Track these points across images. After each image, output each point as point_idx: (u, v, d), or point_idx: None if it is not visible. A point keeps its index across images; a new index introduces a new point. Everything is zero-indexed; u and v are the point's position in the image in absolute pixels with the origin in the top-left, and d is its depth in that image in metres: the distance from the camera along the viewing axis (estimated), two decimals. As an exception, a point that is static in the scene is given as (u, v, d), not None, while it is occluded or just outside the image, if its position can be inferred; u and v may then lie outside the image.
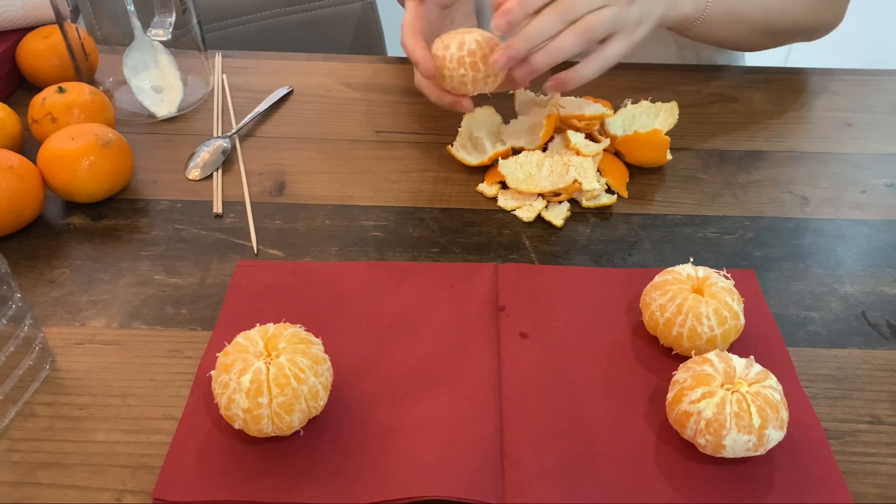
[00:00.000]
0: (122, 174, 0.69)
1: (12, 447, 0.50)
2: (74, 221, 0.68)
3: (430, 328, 0.58)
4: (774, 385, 0.49)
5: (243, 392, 0.47)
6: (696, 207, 0.71)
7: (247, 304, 0.60)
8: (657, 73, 0.90)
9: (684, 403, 0.48)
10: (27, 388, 0.53)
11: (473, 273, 0.63)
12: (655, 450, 0.50)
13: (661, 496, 0.48)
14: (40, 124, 0.72)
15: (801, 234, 0.69)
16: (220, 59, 0.90)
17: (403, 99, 0.85)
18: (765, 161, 0.77)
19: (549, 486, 0.48)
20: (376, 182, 0.73)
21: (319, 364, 0.49)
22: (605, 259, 0.66)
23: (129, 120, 0.80)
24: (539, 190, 0.69)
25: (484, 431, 0.51)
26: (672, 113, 0.78)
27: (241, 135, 0.79)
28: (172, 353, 0.57)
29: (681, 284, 0.55)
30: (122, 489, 0.48)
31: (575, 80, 0.68)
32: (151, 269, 0.63)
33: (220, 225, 0.68)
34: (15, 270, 0.63)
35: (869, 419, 0.53)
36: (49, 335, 0.57)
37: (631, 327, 0.59)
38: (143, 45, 0.80)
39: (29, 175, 0.65)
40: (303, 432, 0.51)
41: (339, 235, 0.67)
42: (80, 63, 0.79)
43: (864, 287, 0.63)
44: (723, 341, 0.54)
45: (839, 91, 0.88)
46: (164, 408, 0.53)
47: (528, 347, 0.56)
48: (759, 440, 0.47)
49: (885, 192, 0.74)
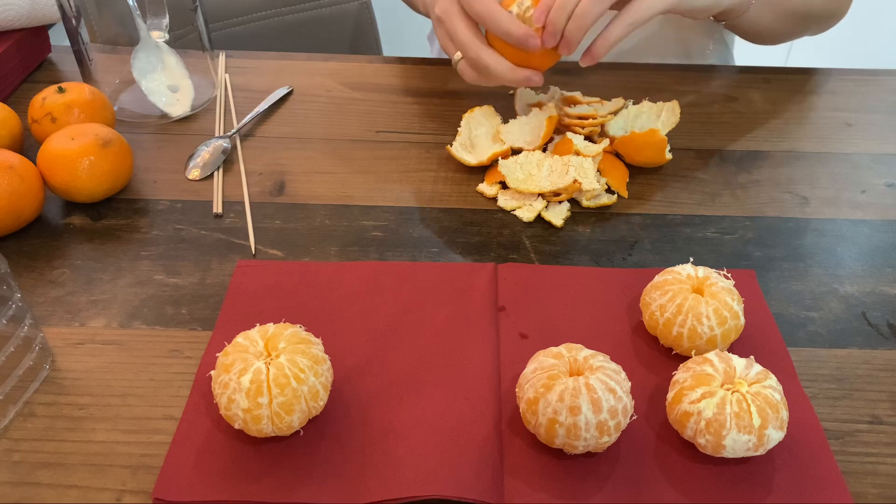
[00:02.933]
0: (122, 174, 0.69)
1: (12, 447, 0.50)
2: (74, 221, 0.68)
3: (430, 328, 0.58)
4: (774, 385, 0.49)
5: (243, 392, 0.47)
6: (696, 207, 0.71)
7: (247, 304, 0.60)
8: (657, 73, 0.90)
9: (684, 403, 0.48)
10: (27, 388, 0.53)
11: (473, 273, 0.63)
12: (655, 450, 0.50)
13: (661, 496, 0.48)
14: (40, 124, 0.72)
15: (802, 234, 0.69)
16: (223, 59, 0.90)
17: (403, 99, 0.85)
18: (765, 161, 0.77)
19: (549, 486, 0.48)
20: (376, 182, 0.73)
21: (319, 364, 0.49)
22: (605, 259, 0.66)
23: (132, 120, 0.80)
24: (539, 190, 0.69)
25: (484, 431, 0.51)
26: (674, 112, 0.78)
27: (241, 135, 0.79)
28: (172, 353, 0.57)
29: (681, 284, 0.55)
30: (122, 489, 0.48)
31: (604, 46, 0.65)
32: (151, 269, 0.63)
33: (220, 225, 0.68)
34: (15, 270, 0.63)
35: (869, 419, 0.53)
36: (49, 335, 0.57)
37: (631, 327, 0.59)
38: (149, 47, 0.80)
39: (29, 175, 0.65)
40: (303, 432, 0.51)
41: (339, 235, 0.67)
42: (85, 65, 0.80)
43: (864, 287, 0.63)
44: (723, 341, 0.54)
45: (839, 91, 0.88)
46: (164, 408, 0.53)
47: (528, 347, 0.56)
48: (759, 440, 0.47)
49: (885, 192, 0.74)
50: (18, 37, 0.84)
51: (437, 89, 0.87)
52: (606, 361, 0.50)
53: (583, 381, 0.47)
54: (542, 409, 0.47)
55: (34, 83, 0.86)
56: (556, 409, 0.47)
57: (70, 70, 0.88)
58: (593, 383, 0.47)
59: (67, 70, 0.88)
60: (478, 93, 0.86)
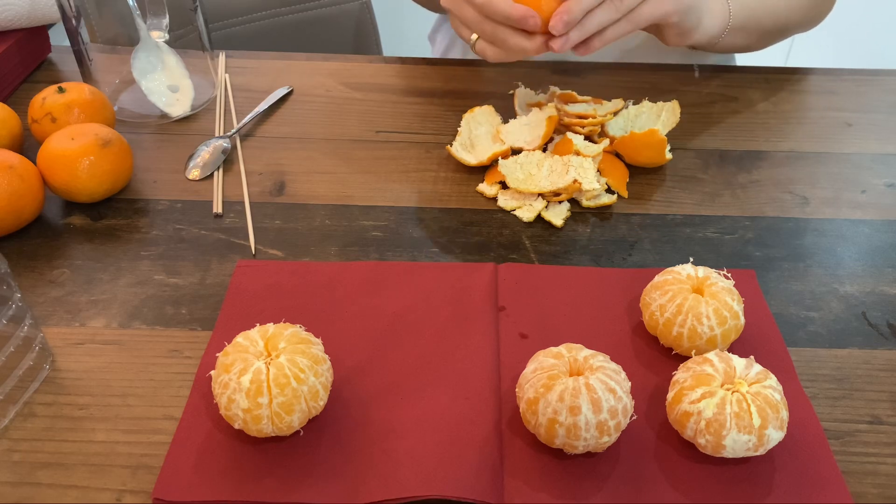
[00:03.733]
0: (122, 174, 0.69)
1: (12, 447, 0.50)
2: (74, 221, 0.68)
3: (430, 328, 0.58)
4: (774, 385, 0.49)
5: (243, 392, 0.47)
6: (696, 207, 0.71)
7: (247, 304, 0.60)
8: (657, 73, 0.90)
9: (684, 403, 0.48)
10: (27, 388, 0.53)
11: (473, 273, 0.63)
12: (655, 450, 0.50)
13: (661, 496, 0.48)
14: (40, 124, 0.72)
15: (802, 234, 0.69)
16: (223, 59, 0.90)
17: (403, 99, 0.85)
18: (765, 161, 0.77)
19: (549, 486, 0.48)
20: (376, 182, 0.73)
21: (319, 364, 0.49)
22: (605, 259, 0.66)
23: (133, 120, 0.80)
24: (539, 190, 0.69)
25: (484, 431, 0.51)
26: (674, 112, 0.78)
27: (241, 135, 0.79)
28: (172, 353, 0.57)
29: (681, 284, 0.55)
30: (121, 489, 0.48)
31: (601, 42, 0.68)
32: (151, 269, 0.63)
33: (220, 225, 0.68)
34: (15, 270, 0.63)
35: (869, 419, 0.53)
36: (49, 335, 0.57)
37: (631, 327, 0.59)
38: (149, 47, 0.80)
39: (29, 175, 0.65)
40: (303, 432, 0.51)
41: (339, 235, 0.67)
42: (85, 65, 0.80)
43: (864, 287, 0.63)
44: (723, 341, 0.54)
45: (839, 91, 0.88)
46: (164, 408, 0.53)
47: (528, 347, 0.56)
48: (759, 440, 0.47)
49: (885, 192, 0.74)
50: (18, 37, 0.84)
51: (437, 89, 0.87)
52: (606, 361, 0.50)
53: (583, 381, 0.47)
54: (542, 409, 0.47)
55: (34, 83, 0.86)
56: (556, 409, 0.47)
57: (70, 70, 0.88)
58: (593, 383, 0.47)
59: (67, 70, 0.88)
60: (478, 93, 0.86)
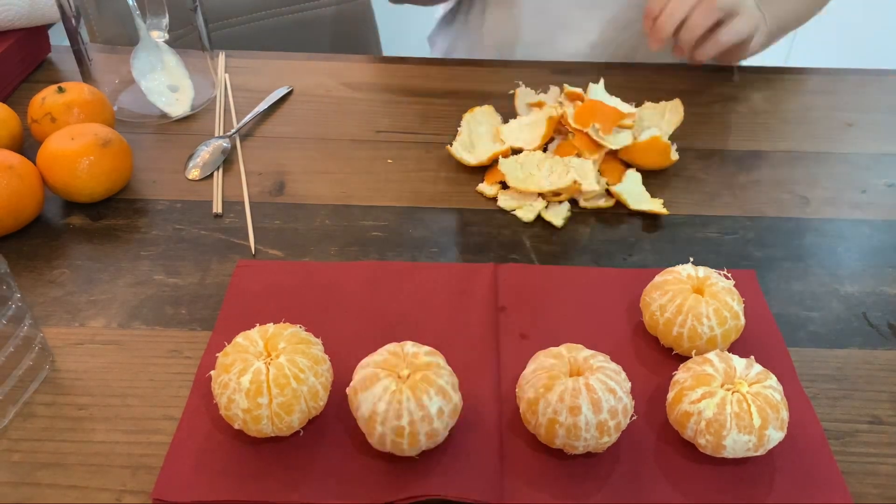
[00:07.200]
0: (122, 174, 0.69)
1: (12, 447, 0.50)
2: (74, 221, 0.68)
3: (430, 328, 0.58)
4: (775, 385, 0.49)
5: (243, 392, 0.47)
6: (696, 207, 0.71)
7: (246, 304, 0.60)
8: (657, 73, 0.90)
9: (684, 403, 0.48)
10: (27, 388, 0.53)
11: (473, 273, 0.63)
12: (655, 450, 0.50)
13: (661, 496, 0.48)
14: (40, 124, 0.72)
15: (802, 234, 0.69)
16: (223, 59, 0.90)
17: (403, 99, 0.85)
18: (765, 161, 0.77)
19: (549, 486, 0.48)
20: (376, 182, 0.73)
21: (319, 364, 0.49)
22: (605, 259, 0.66)
23: (132, 120, 0.80)
24: (539, 189, 0.69)
25: (484, 431, 0.51)
26: (677, 111, 0.78)
27: (241, 135, 0.79)
28: (172, 353, 0.57)
29: (681, 284, 0.55)
30: (121, 489, 0.48)
31: (707, 54, 0.81)
32: (151, 269, 0.63)
33: (220, 225, 0.68)
34: (15, 270, 0.63)
35: (869, 419, 0.53)
36: (49, 335, 0.57)
37: (631, 327, 0.59)
38: (148, 47, 0.80)
39: (28, 175, 0.65)
40: (303, 432, 0.50)
41: (339, 235, 0.67)
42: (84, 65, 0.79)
43: (864, 287, 0.63)
44: (723, 341, 0.54)
45: (839, 91, 0.88)
46: (163, 408, 0.53)
47: (528, 347, 0.56)
48: (759, 440, 0.47)
49: (885, 192, 0.74)
50: (18, 37, 0.84)
51: (437, 89, 0.87)
52: (606, 362, 0.50)
53: (583, 381, 0.47)
54: (543, 409, 0.47)
55: (34, 83, 0.86)
56: (557, 409, 0.47)
57: (70, 70, 0.88)
58: (593, 383, 0.47)
59: (67, 70, 0.88)
60: (478, 93, 0.86)
